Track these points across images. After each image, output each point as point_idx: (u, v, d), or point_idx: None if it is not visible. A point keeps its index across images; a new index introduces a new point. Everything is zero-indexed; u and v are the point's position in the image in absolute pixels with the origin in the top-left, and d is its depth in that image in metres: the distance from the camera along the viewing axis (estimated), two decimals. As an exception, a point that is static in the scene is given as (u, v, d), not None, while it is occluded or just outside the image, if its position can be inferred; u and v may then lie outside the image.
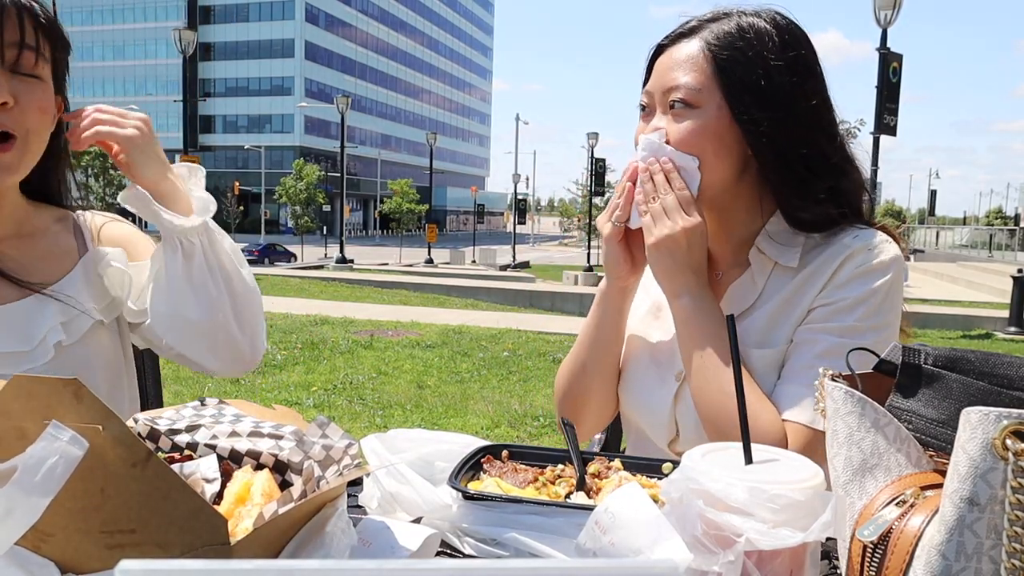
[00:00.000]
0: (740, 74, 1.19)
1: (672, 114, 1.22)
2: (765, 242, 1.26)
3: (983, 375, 0.70)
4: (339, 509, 0.72)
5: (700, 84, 1.20)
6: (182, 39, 18.42)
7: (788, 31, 1.24)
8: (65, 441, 0.58)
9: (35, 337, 1.19)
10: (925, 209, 75.95)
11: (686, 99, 1.20)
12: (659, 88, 1.24)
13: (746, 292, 1.26)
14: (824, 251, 1.23)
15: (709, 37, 1.22)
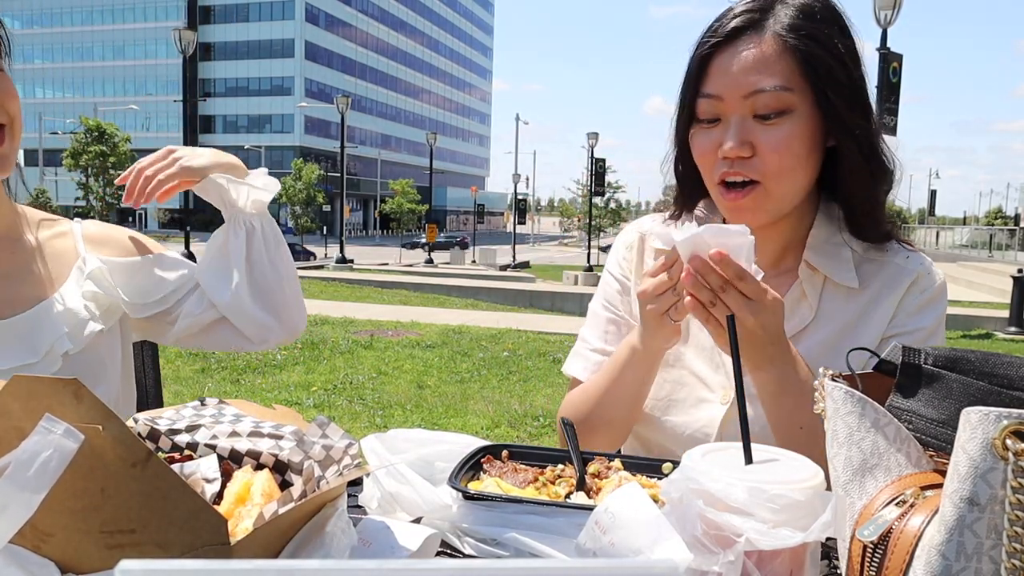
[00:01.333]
0: (825, 64, 1.07)
1: (759, 122, 1.09)
2: (812, 254, 1.18)
3: (983, 375, 0.70)
4: (339, 509, 0.72)
5: (791, 83, 1.08)
6: (182, 39, 18.41)
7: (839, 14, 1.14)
8: (59, 434, 0.58)
9: (41, 348, 1.20)
10: (925, 209, 76.00)
11: (779, 103, 1.08)
12: (736, 93, 1.09)
13: (800, 310, 1.19)
14: (880, 270, 1.18)
15: (779, 27, 1.09)
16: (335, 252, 31.97)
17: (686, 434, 1.23)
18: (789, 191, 1.13)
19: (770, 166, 1.10)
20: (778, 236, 1.22)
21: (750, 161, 1.10)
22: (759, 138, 1.09)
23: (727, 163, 1.12)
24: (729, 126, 1.11)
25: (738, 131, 1.10)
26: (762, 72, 1.08)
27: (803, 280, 1.19)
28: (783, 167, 1.10)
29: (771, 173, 1.10)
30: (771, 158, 1.09)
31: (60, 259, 1.30)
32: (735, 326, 0.83)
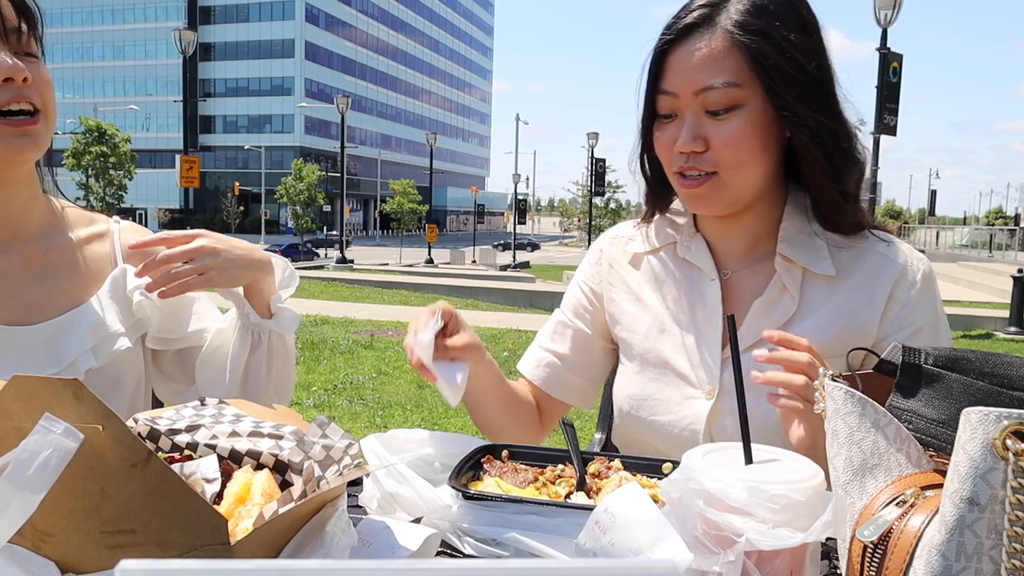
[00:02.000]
0: (774, 59, 1.09)
1: (711, 117, 1.12)
2: (786, 245, 1.20)
3: (983, 375, 0.70)
4: (339, 509, 0.72)
5: (740, 79, 1.10)
6: (182, 39, 18.43)
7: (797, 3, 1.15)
8: (58, 434, 0.57)
9: (64, 359, 1.16)
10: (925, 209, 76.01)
11: (729, 98, 1.10)
12: (688, 89, 1.12)
13: (783, 302, 1.19)
14: (860, 258, 1.19)
15: (729, 23, 1.11)
16: (335, 252, 31.97)
17: (675, 432, 1.23)
18: (746, 182, 1.15)
19: (723, 159, 1.13)
20: (748, 225, 1.24)
21: (704, 155, 1.14)
22: (711, 133, 1.12)
23: (683, 157, 1.15)
24: (684, 122, 1.14)
25: (691, 127, 1.13)
26: (711, 69, 1.11)
27: (781, 273, 1.19)
28: (736, 160, 1.13)
29: (725, 165, 1.13)
30: (723, 152, 1.12)
31: (95, 264, 1.26)
32: (735, 326, 0.83)
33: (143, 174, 62.77)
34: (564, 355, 1.39)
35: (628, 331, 1.32)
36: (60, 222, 1.26)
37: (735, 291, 1.24)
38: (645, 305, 1.30)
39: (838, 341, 1.14)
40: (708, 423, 1.20)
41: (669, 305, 1.28)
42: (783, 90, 1.10)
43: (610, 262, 1.36)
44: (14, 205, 1.18)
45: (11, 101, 1.08)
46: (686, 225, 1.29)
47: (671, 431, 1.24)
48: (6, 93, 1.07)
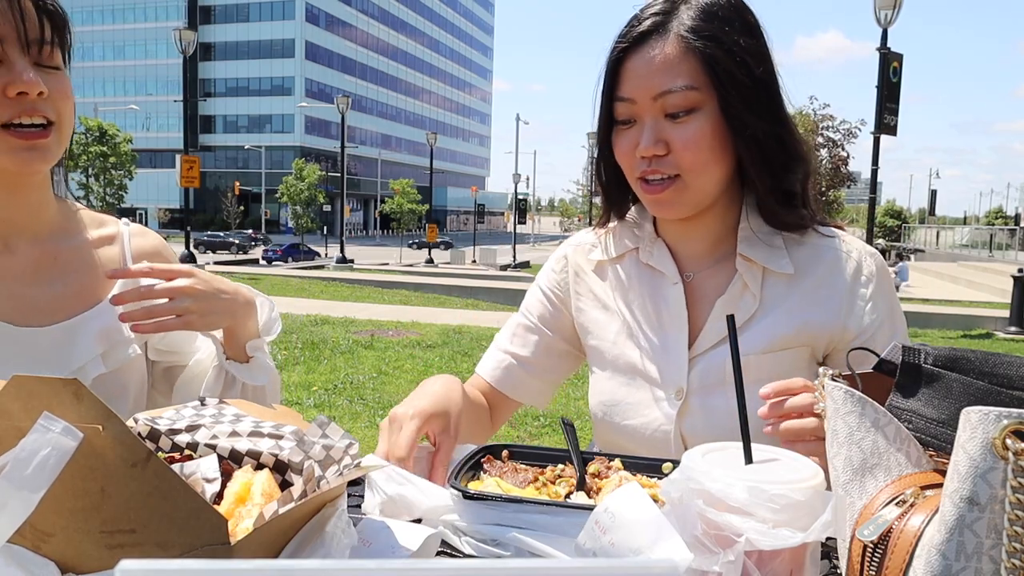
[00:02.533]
0: (726, 63, 1.12)
1: (670, 121, 1.15)
2: (746, 245, 1.22)
3: (983, 375, 0.70)
4: (339, 509, 0.72)
5: (696, 82, 1.13)
6: (182, 39, 18.42)
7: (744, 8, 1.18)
8: (57, 432, 0.57)
9: (73, 364, 1.15)
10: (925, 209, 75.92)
11: (686, 102, 1.13)
12: (646, 94, 1.14)
13: (744, 301, 1.22)
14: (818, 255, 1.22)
15: (682, 29, 1.14)
16: (335, 252, 31.98)
17: (646, 435, 1.26)
18: (707, 184, 1.18)
19: (685, 161, 1.15)
20: (708, 227, 1.27)
21: (666, 159, 1.16)
22: (671, 136, 1.15)
23: (645, 162, 1.17)
24: (643, 127, 1.16)
25: (652, 131, 1.15)
26: (668, 73, 1.13)
27: (742, 273, 1.22)
28: (697, 161, 1.15)
29: (687, 167, 1.16)
30: (684, 155, 1.15)
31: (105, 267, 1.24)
32: (735, 325, 0.83)
33: (143, 174, 62.75)
34: (524, 357, 1.40)
35: (598, 339, 1.33)
36: (71, 224, 1.25)
37: (698, 292, 1.27)
38: (612, 312, 1.32)
39: (798, 335, 1.19)
40: (677, 423, 1.23)
41: (635, 311, 1.30)
42: (732, 95, 1.13)
43: (575, 270, 1.38)
44: (24, 208, 1.17)
45: (22, 114, 1.06)
46: (647, 231, 1.32)
47: (643, 434, 1.26)
48: (18, 106, 1.06)
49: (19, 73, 1.04)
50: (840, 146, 23.71)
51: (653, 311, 1.28)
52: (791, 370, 1.15)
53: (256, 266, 30.55)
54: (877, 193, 13.82)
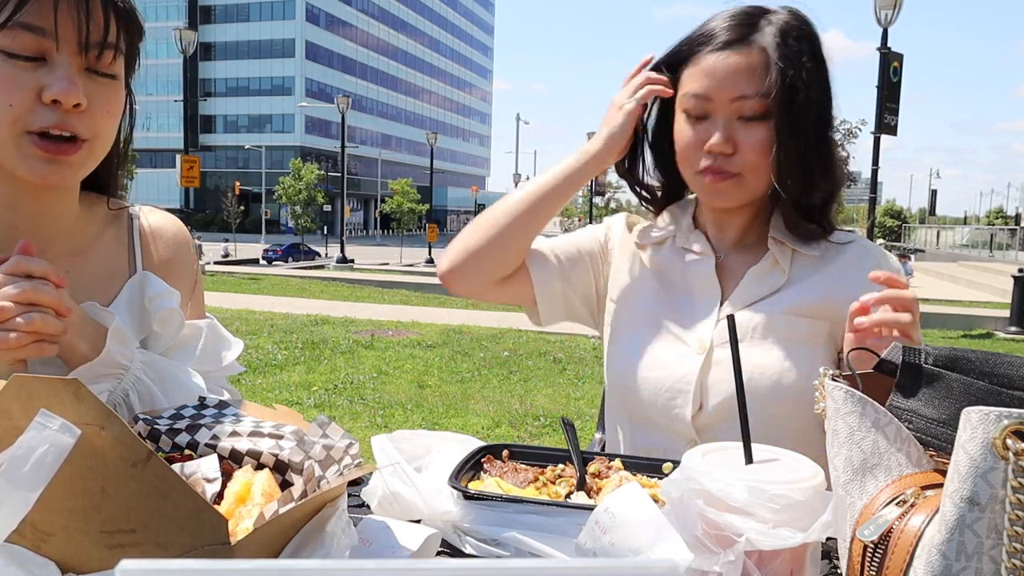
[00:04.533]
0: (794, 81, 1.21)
1: (743, 123, 1.23)
2: (777, 231, 1.31)
3: (984, 375, 0.70)
4: (339, 509, 0.72)
5: (772, 94, 1.21)
6: (182, 39, 18.42)
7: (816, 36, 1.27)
8: (54, 429, 0.57)
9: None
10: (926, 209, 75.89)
11: (761, 109, 1.21)
12: (724, 96, 1.23)
13: (774, 275, 1.30)
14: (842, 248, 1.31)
15: (766, 43, 1.23)
16: (336, 252, 31.98)
17: (666, 386, 1.29)
18: (760, 184, 1.27)
19: (749, 162, 1.24)
20: (742, 219, 1.35)
21: (732, 158, 1.24)
22: (742, 137, 1.23)
23: (711, 157, 1.25)
24: (717, 124, 1.24)
25: (724, 129, 1.24)
26: (750, 80, 1.22)
27: (774, 251, 1.31)
28: (760, 164, 1.24)
29: (750, 168, 1.24)
30: (750, 155, 1.23)
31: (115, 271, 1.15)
32: (735, 325, 0.83)
33: (143, 174, 62.77)
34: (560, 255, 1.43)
35: (625, 299, 1.40)
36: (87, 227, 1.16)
37: (728, 268, 1.35)
38: (645, 279, 1.40)
39: (821, 307, 1.25)
40: (700, 376, 1.27)
41: (668, 280, 1.38)
42: (795, 110, 1.21)
43: (621, 238, 1.45)
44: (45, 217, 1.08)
45: (51, 127, 0.95)
46: (685, 223, 1.40)
47: (663, 386, 1.29)
48: (49, 116, 0.94)
49: (59, 78, 0.94)
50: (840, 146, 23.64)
51: (685, 281, 1.36)
52: (808, 336, 1.25)
53: (256, 266, 30.55)
54: (877, 193, 13.82)
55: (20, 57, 0.93)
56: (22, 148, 0.95)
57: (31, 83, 0.93)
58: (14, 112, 0.93)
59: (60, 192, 1.08)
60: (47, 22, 0.92)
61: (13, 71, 0.93)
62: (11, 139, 0.95)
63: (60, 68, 0.94)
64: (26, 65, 0.93)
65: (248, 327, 9.50)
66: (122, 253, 1.18)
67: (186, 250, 1.26)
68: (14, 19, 0.91)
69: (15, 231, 1.05)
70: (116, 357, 1.01)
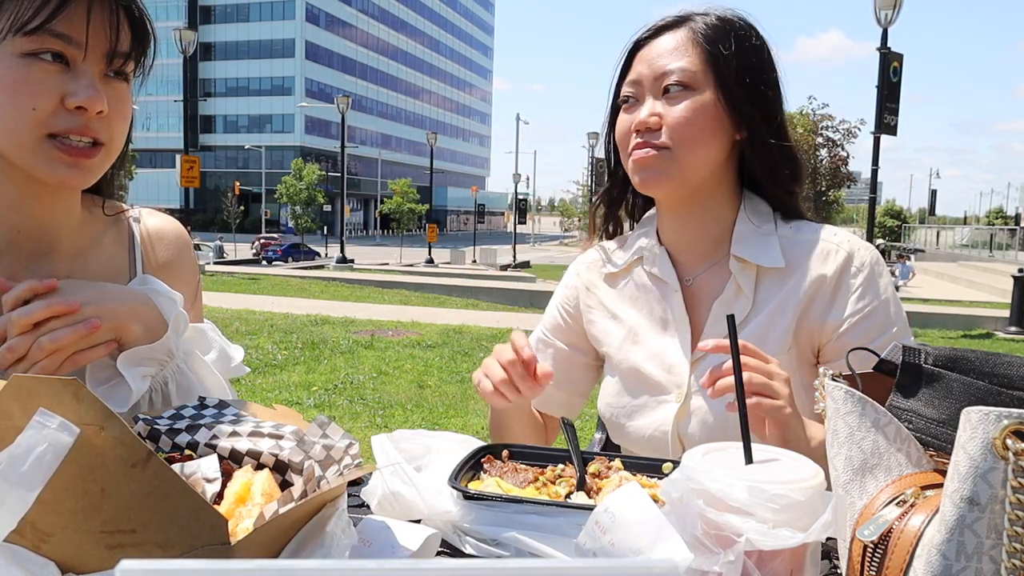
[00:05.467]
0: (730, 63, 1.22)
1: (667, 98, 1.23)
2: (740, 246, 1.27)
3: (984, 375, 0.70)
4: (339, 509, 0.72)
5: (696, 67, 1.22)
6: (182, 39, 18.40)
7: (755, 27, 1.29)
8: (53, 428, 0.57)
9: None
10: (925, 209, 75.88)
11: (683, 80, 1.22)
12: (650, 75, 1.25)
13: (739, 305, 1.26)
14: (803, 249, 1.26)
15: (696, 27, 1.25)
16: (336, 252, 31.99)
17: (645, 435, 1.30)
18: (695, 161, 1.23)
19: (674, 135, 1.22)
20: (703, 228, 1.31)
21: (657, 132, 1.23)
22: (665, 111, 1.23)
23: (638, 136, 1.24)
24: (643, 104, 1.25)
25: (649, 107, 1.24)
26: (672, 57, 1.24)
27: (735, 274, 1.27)
28: (686, 136, 1.22)
29: (676, 141, 1.22)
30: (675, 128, 1.22)
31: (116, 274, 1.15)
32: (735, 326, 0.83)
33: (143, 174, 62.71)
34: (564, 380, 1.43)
35: (607, 346, 1.39)
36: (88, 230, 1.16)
37: (697, 296, 1.32)
38: (620, 320, 1.38)
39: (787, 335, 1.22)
40: (675, 424, 1.27)
41: (641, 318, 1.35)
42: (730, 85, 1.22)
43: (587, 285, 1.44)
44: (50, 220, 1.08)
45: (73, 131, 0.96)
46: (650, 241, 1.37)
47: (643, 434, 1.31)
48: (73, 120, 0.96)
49: (84, 85, 0.95)
50: (840, 146, 23.70)
51: (659, 316, 1.33)
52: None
53: (256, 266, 30.55)
54: (877, 193, 13.82)
55: (46, 61, 0.94)
56: (43, 151, 0.96)
57: (55, 88, 0.94)
58: (38, 115, 0.94)
59: (65, 194, 1.08)
60: (79, 32, 0.94)
61: (39, 75, 0.94)
62: (33, 142, 0.96)
63: (84, 76, 0.95)
64: (51, 69, 0.94)
65: (248, 327, 9.50)
66: (122, 256, 1.18)
67: (187, 253, 1.26)
68: (47, 27, 0.92)
69: (18, 234, 1.05)
70: (169, 344, 1.02)
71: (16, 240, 1.05)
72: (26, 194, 1.03)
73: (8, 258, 1.05)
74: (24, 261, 1.06)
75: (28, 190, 1.02)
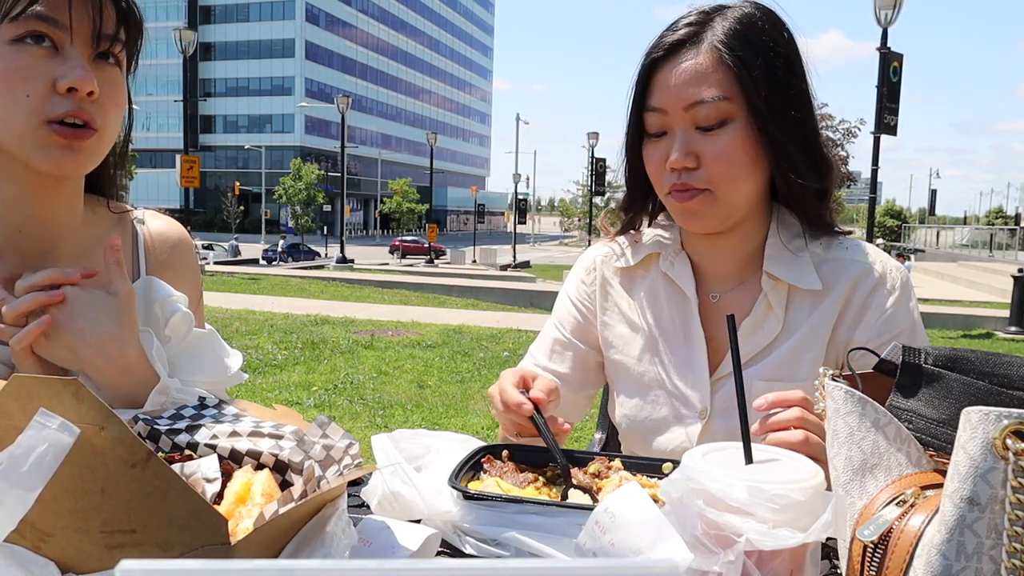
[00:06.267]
0: (756, 76, 1.11)
1: (702, 133, 1.13)
2: (772, 263, 1.21)
3: (984, 375, 0.70)
4: (339, 509, 0.72)
5: (729, 93, 1.12)
6: (182, 39, 18.41)
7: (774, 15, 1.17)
8: (54, 429, 0.57)
9: None
10: (925, 209, 75.91)
11: (719, 113, 1.12)
12: (677, 105, 1.13)
13: (768, 323, 1.20)
14: (835, 268, 1.21)
15: (716, 40, 1.13)
16: (335, 252, 32.00)
17: (667, 451, 1.27)
18: (738, 198, 1.17)
19: (715, 175, 1.14)
20: (735, 247, 1.25)
21: (696, 172, 1.14)
22: (703, 148, 1.13)
23: (675, 175, 1.16)
24: (675, 139, 1.15)
25: (683, 143, 1.14)
26: (700, 84, 1.12)
27: (767, 292, 1.20)
28: (728, 175, 1.14)
29: (718, 181, 1.14)
30: (715, 167, 1.13)
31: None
32: (735, 326, 0.83)
33: (143, 174, 62.71)
34: (565, 375, 1.37)
35: (623, 354, 1.33)
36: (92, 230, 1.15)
37: (722, 310, 1.25)
38: (638, 328, 1.31)
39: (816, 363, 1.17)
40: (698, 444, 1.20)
41: (660, 327, 1.29)
42: (763, 107, 1.12)
43: (603, 283, 1.36)
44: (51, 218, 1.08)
45: (66, 115, 0.97)
46: (672, 240, 1.31)
47: (665, 450, 1.27)
48: (65, 104, 0.97)
49: (73, 67, 0.96)
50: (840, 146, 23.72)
51: (679, 327, 1.27)
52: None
53: (256, 266, 30.55)
54: (877, 193, 13.82)
55: (34, 43, 0.95)
56: (39, 137, 0.97)
57: (46, 73, 0.96)
58: (32, 102, 0.96)
59: (66, 192, 1.08)
60: (62, 14, 0.96)
61: (29, 60, 0.95)
62: (30, 129, 0.97)
63: (73, 58, 0.97)
64: (40, 55, 0.96)
65: (248, 327, 9.50)
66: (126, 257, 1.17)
67: (189, 256, 1.26)
68: (30, 10, 0.94)
69: (19, 233, 1.05)
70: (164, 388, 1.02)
71: (17, 239, 1.05)
72: (26, 190, 1.03)
73: (9, 257, 1.05)
74: (26, 260, 1.06)
75: (28, 186, 1.02)
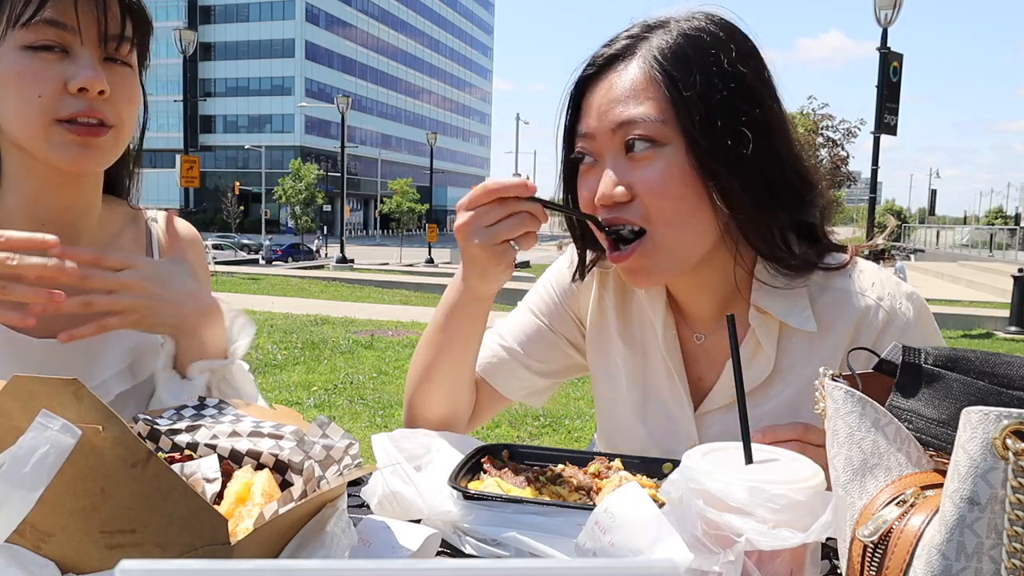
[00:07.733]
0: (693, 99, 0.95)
1: (631, 158, 0.97)
2: (761, 295, 1.05)
3: (984, 375, 0.70)
4: (339, 509, 0.72)
5: (661, 113, 0.95)
6: (182, 39, 18.42)
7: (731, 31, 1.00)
8: (55, 430, 0.57)
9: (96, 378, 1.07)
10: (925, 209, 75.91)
11: (649, 134, 0.95)
12: (605, 127, 0.98)
13: (757, 363, 1.06)
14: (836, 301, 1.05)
15: (650, 55, 0.97)
16: (335, 252, 32.00)
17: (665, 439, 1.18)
18: (683, 238, 0.99)
19: (651, 210, 0.97)
20: (714, 287, 1.09)
21: (630, 206, 0.98)
22: (634, 178, 0.97)
23: (606, 211, 1.00)
24: (604, 168, 0.99)
25: (612, 171, 0.98)
26: (629, 101, 0.97)
27: (755, 328, 1.05)
28: (664, 211, 0.97)
29: (654, 218, 0.98)
30: (649, 200, 0.97)
31: None
32: (735, 325, 0.83)
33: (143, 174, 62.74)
34: (520, 353, 1.24)
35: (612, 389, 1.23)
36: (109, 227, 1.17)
37: (708, 352, 1.14)
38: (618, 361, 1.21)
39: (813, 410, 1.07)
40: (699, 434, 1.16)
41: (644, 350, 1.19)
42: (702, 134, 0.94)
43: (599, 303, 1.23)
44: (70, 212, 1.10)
45: (79, 114, 0.99)
46: None
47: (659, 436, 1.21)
48: (77, 103, 0.99)
49: (83, 67, 0.99)
50: (840, 146, 23.75)
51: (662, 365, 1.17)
52: None
53: (256, 266, 30.55)
54: (877, 193, 13.82)
55: (45, 50, 0.99)
56: (53, 136, 1.00)
57: (57, 74, 0.99)
58: (43, 103, 0.99)
59: (85, 187, 1.11)
60: (69, 18, 0.99)
61: (40, 64, 0.99)
62: (42, 128, 1.00)
63: (83, 59, 1.00)
64: (51, 58, 0.99)
65: (248, 327, 9.48)
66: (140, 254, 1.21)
67: (200, 255, 1.30)
68: (38, 16, 0.97)
69: (42, 226, 1.06)
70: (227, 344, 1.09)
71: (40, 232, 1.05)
72: (47, 186, 1.07)
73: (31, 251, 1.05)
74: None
75: (48, 182, 1.06)
